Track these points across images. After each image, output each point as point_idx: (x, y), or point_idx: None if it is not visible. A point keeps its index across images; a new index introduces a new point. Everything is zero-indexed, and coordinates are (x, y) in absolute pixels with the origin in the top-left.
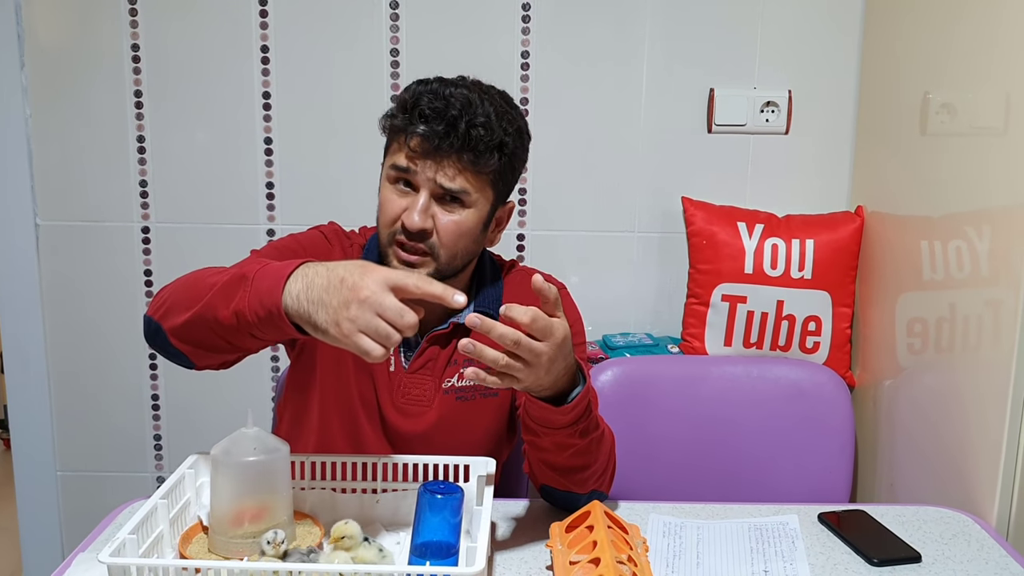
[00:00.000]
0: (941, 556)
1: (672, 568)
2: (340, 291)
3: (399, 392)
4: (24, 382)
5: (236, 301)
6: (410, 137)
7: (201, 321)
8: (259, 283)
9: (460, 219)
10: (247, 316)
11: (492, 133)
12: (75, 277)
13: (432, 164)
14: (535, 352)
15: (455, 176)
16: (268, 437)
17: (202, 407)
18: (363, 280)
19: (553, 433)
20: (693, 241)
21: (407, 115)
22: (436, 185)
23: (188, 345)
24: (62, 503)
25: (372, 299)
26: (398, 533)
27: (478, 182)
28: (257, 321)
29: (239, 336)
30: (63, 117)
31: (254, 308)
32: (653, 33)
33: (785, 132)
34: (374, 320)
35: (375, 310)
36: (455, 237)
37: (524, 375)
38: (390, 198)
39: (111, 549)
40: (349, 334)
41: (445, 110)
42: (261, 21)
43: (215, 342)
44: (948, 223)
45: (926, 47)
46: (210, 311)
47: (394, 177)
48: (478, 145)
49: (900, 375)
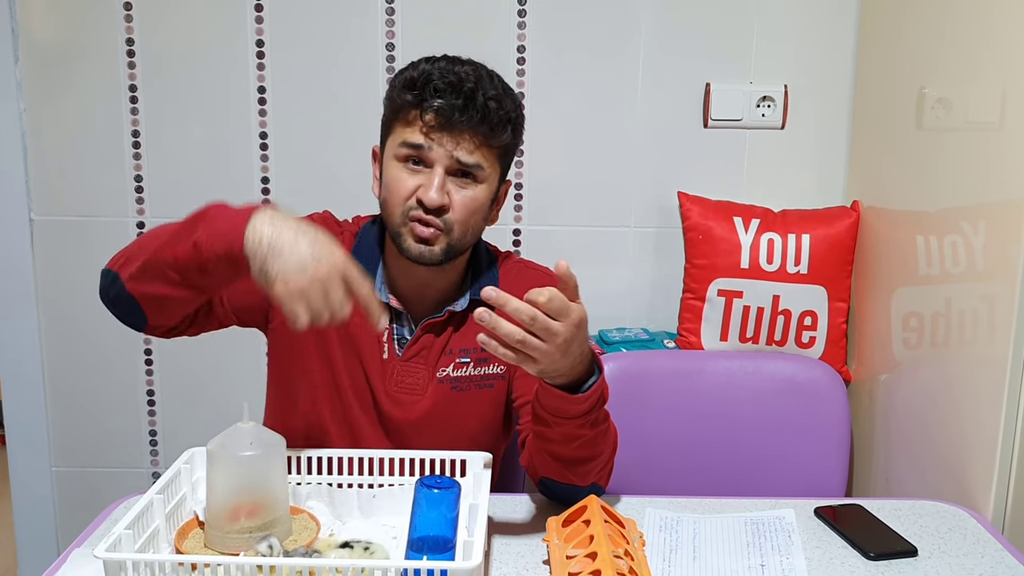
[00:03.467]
0: (937, 550)
1: (669, 562)
2: (302, 255)
3: (392, 380)
4: (19, 378)
5: (194, 236)
6: (425, 112)
7: (158, 263)
8: (220, 219)
9: (474, 195)
10: (202, 248)
11: (504, 107)
12: (70, 272)
13: (449, 139)
14: (551, 331)
15: (473, 150)
16: (264, 432)
17: (197, 402)
18: (329, 258)
19: (565, 423)
20: (689, 236)
21: (418, 91)
22: (453, 160)
23: (143, 291)
24: (57, 499)
25: (327, 280)
26: (395, 528)
27: (491, 156)
28: (211, 253)
29: (192, 273)
30: (58, 112)
31: (212, 239)
32: (649, 27)
33: (781, 127)
34: (319, 298)
35: (325, 289)
36: (469, 213)
37: (540, 355)
38: (400, 176)
39: (107, 544)
40: (291, 296)
41: (460, 84)
42: (256, 15)
43: (165, 288)
44: (944, 218)
45: (922, 42)
46: (168, 249)
47: (404, 155)
48: (493, 118)
49: (896, 370)
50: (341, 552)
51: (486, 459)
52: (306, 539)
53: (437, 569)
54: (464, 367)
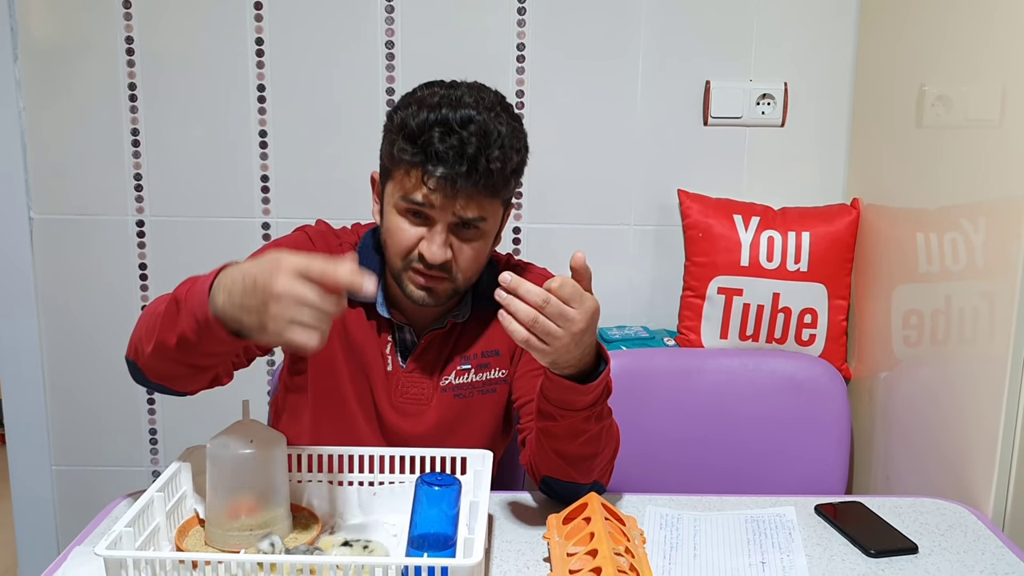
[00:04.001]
0: (937, 547)
1: (669, 560)
2: (255, 293)
3: (397, 392)
4: (18, 376)
5: (178, 326)
6: (427, 176)
7: (162, 351)
8: (189, 303)
9: (478, 246)
10: (189, 337)
11: (508, 161)
12: (69, 271)
13: (451, 201)
14: (566, 317)
15: (476, 208)
16: (265, 429)
17: (197, 401)
18: (273, 277)
19: (571, 416)
20: (689, 234)
21: (418, 151)
22: (456, 218)
23: (163, 376)
24: (57, 498)
25: (287, 293)
26: (395, 525)
27: (493, 206)
28: (198, 340)
29: (195, 356)
30: (57, 110)
31: (191, 328)
32: (649, 26)
33: (781, 125)
34: (297, 313)
35: (295, 301)
36: (472, 261)
37: (552, 340)
38: (402, 227)
39: (107, 542)
40: (279, 332)
41: (462, 148)
42: (256, 14)
43: (179, 369)
44: (944, 215)
45: (922, 39)
46: (163, 342)
47: (405, 208)
48: (497, 180)
49: (896, 367)
50: (341, 551)
51: (486, 457)
52: (306, 537)
53: (438, 566)
54: (465, 374)
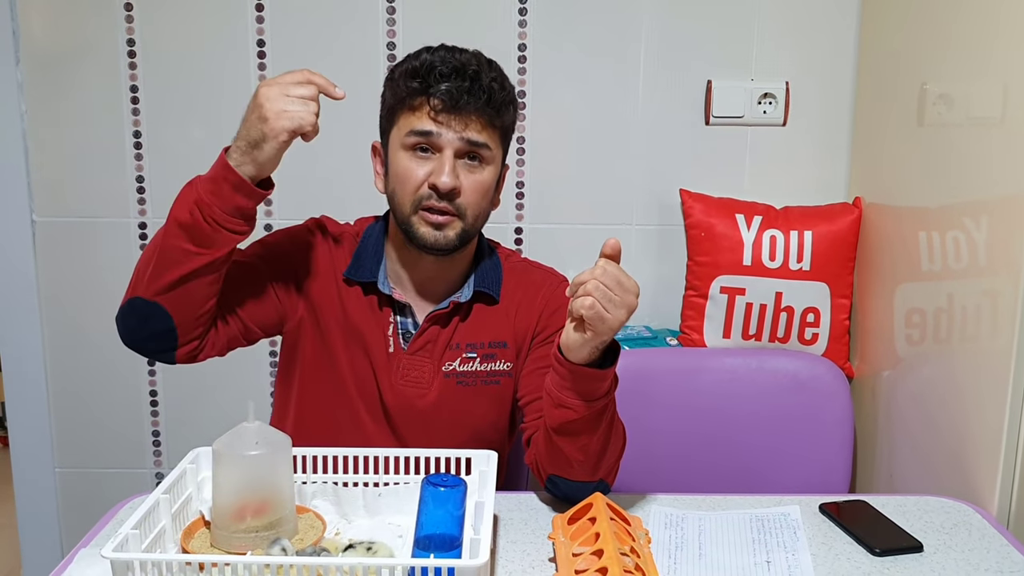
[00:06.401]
0: (943, 545)
1: (674, 559)
2: (253, 110)
3: (398, 373)
4: (22, 379)
5: (191, 195)
6: (432, 97)
7: (166, 247)
8: (200, 180)
9: (482, 177)
10: (204, 200)
11: (506, 88)
12: (72, 273)
13: (458, 121)
14: (624, 286)
15: (481, 130)
16: (270, 431)
17: (200, 403)
18: (259, 89)
19: (587, 407)
20: (691, 233)
21: (422, 79)
22: (463, 141)
23: (160, 285)
24: (61, 500)
25: (273, 88)
26: (400, 526)
27: (496, 136)
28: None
29: (201, 226)
30: (59, 113)
31: (208, 189)
32: (650, 25)
33: (783, 124)
34: (284, 99)
35: (281, 93)
36: (479, 196)
37: (612, 308)
38: (410, 165)
39: (114, 544)
40: (278, 122)
41: (464, 68)
42: (257, 15)
43: (181, 252)
44: (946, 214)
45: (924, 38)
46: (171, 232)
47: (412, 143)
48: (498, 99)
49: (899, 366)
50: (346, 552)
51: (491, 457)
52: (312, 538)
53: (444, 567)
54: (471, 362)
